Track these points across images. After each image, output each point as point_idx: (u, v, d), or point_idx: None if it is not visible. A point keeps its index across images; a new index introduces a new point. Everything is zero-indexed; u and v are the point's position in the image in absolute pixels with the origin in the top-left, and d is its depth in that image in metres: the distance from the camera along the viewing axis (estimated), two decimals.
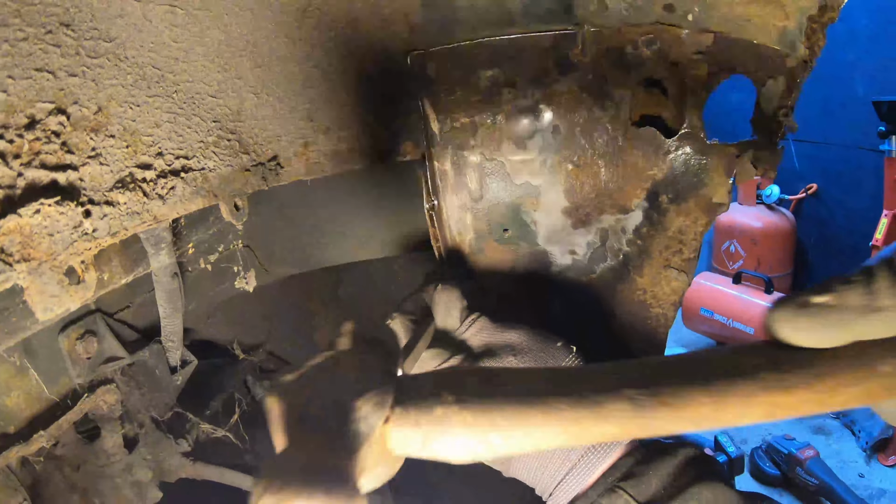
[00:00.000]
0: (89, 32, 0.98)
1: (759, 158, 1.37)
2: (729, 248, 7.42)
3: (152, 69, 1.10)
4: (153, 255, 1.47)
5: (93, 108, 0.98)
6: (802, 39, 1.25)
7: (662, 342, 1.68)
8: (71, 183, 0.95)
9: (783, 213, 7.23)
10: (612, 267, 1.54)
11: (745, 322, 6.27)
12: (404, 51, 1.32)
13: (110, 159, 1.01)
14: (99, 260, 1.31)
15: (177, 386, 1.90)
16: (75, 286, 0.99)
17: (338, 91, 1.34)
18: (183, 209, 1.19)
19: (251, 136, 1.31)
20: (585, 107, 1.35)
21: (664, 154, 1.38)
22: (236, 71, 1.24)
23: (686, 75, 1.32)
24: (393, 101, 1.38)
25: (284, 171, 1.38)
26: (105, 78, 1.01)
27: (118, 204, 1.03)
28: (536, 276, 1.57)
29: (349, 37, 1.29)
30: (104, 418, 1.73)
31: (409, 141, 1.42)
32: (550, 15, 1.29)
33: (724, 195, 1.41)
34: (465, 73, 1.34)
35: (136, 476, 1.88)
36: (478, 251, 1.52)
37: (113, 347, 1.64)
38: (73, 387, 1.58)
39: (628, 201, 1.43)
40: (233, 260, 1.84)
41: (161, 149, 1.11)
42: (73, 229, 0.95)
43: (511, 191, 1.43)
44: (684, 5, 1.26)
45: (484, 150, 1.39)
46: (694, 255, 1.51)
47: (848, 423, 5.59)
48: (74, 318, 1.55)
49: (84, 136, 0.97)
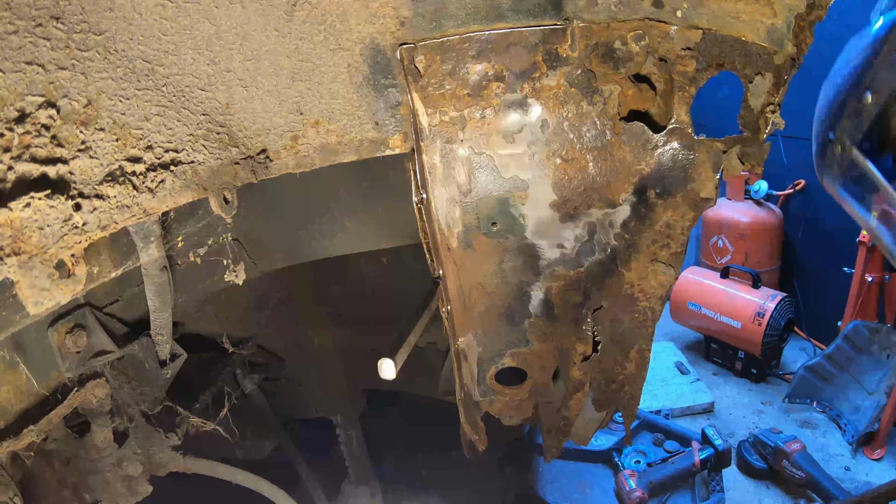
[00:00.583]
0: (79, 25, 0.98)
1: (746, 154, 1.38)
2: (717, 242, 7.46)
3: (142, 62, 1.10)
4: (142, 248, 1.48)
5: (83, 101, 0.98)
6: (790, 37, 1.26)
7: (650, 336, 1.69)
8: (61, 176, 0.95)
9: (771, 208, 7.27)
10: (600, 260, 1.55)
11: (732, 316, 6.31)
12: (393, 44, 1.32)
13: (100, 153, 1.01)
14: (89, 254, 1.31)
15: (166, 380, 1.90)
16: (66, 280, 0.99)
17: (327, 84, 1.34)
18: (172, 202, 1.19)
19: (240, 129, 1.31)
20: (574, 101, 1.36)
21: (652, 149, 1.39)
22: (226, 64, 1.24)
23: (674, 71, 1.33)
24: (382, 94, 1.38)
25: (274, 165, 1.38)
26: (95, 71, 1.01)
27: (108, 197, 1.03)
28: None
29: (339, 30, 1.29)
30: (94, 413, 1.73)
31: (398, 134, 1.42)
32: (539, 10, 1.29)
33: (711, 190, 1.42)
34: (455, 67, 1.34)
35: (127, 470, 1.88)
36: (466, 245, 1.53)
37: (102, 341, 1.64)
38: (63, 381, 1.58)
39: (616, 195, 1.44)
40: (222, 253, 1.84)
41: (151, 142, 1.11)
42: (64, 223, 0.96)
43: (499, 184, 1.43)
44: (673, 2, 1.26)
45: (473, 144, 1.40)
46: (681, 249, 1.52)
47: (834, 416, 5.64)
48: (64, 313, 1.55)
49: (74, 129, 0.97)
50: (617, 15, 1.29)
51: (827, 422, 5.71)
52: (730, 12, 1.25)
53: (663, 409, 5.72)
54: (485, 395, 1.85)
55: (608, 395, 1.83)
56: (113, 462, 1.82)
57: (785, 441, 4.86)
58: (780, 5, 1.23)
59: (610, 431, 5.06)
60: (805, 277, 7.44)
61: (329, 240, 1.99)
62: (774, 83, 1.31)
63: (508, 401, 1.87)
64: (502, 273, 1.60)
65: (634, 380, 1.79)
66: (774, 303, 6.10)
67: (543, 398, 1.86)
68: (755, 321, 6.12)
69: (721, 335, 6.57)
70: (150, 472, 1.96)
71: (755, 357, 6.33)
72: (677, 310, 6.90)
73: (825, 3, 1.21)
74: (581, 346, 1.69)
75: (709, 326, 6.65)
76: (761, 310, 6.11)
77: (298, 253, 2.05)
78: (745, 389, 6.39)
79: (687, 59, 1.31)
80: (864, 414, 5.37)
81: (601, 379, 1.79)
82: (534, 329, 1.70)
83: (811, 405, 5.77)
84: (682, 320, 6.99)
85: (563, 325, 1.67)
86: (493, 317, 1.69)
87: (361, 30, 1.30)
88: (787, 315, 6.20)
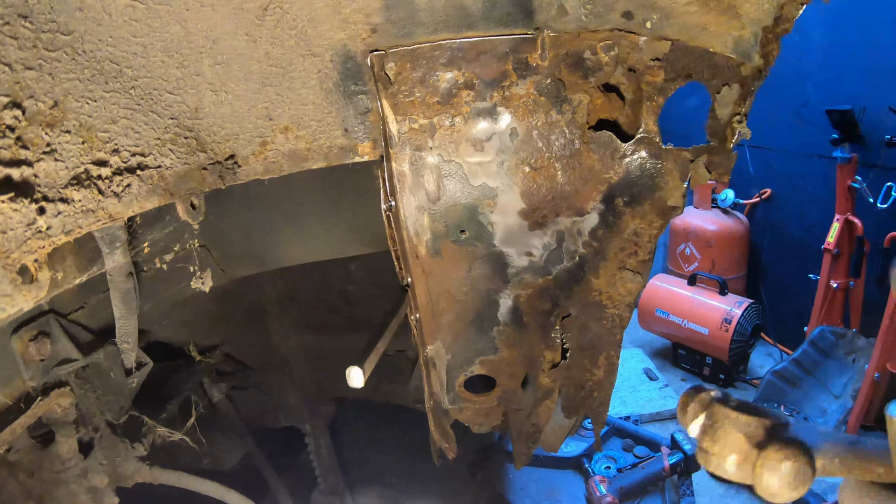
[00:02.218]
0: (47, 25, 0.97)
1: (713, 163, 1.40)
2: (684, 250, 7.54)
3: (110, 64, 1.09)
4: (108, 254, 1.46)
5: (49, 102, 0.97)
6: (757, 49, 1.28)
7: (618, 342, 1.70)
8: (25, 179, 0.94)
9: (737, 216, 7.38)
10: (568, 268, 1.56)
11: (700, 323, 6.39)
12: (364, 51, 1.32)
13: (66, 155, 1.00)
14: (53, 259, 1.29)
15: (132, 389, 1.87)
16: (28, 285, 0.98)
17: (297, 90, 1.34)
18: (139, 207, 1.17)
19: (209, 134, 1.30)
20: (543, 110, 1.37)
21: (620, 158, 1.40)
22: (195, 68, 1.23)
23: (643, 81, 1.35)
24: (352, 101, 1.38)
25: (242, 170, 1.37)
26: (62, 72, 0.99)
27: (73, 201, 1.02)
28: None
29: (309, 36, 1.29)
30: (58, 422, 1.70)
31: (367, 141, 1.42)
32: (510, 19, 1.30)
33: (678, 199, 1.43)
34: (425, 75, 1.34)
35: (92, 481, 1.85)
36: (434, 252, 1.53)
37: (67, 349, 1.61)
38: (27, 390, 1.55)
39: (584, 204, 1.45)
40: (189, 260, 1.82)
41: (117, 145, 1.10)
42: (27, 227, 0.94)
43: (468, 192, 1.44)
44: (643, 13, 1.28)
45: (442, 152, 1.40)
46: (649, 256, 1.54)
47: (801, 420, 5.71)
48: (27, 319, 1.52)
49: (39, 131, 0.95)
50: (587, 25, 1.30)
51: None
52: (698, 24, 1.27)
53: (633, 415, 5.74)
54: (454, 402, 1.85)
55: (577, 401, 1.83)
56: (78, 473, 1.79)
57: None
58: (748, 18, 1.25)
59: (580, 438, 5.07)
60: (771, 284, 7.56)
61: (297, 247, 1.98)
62: (741, 94, 1.33)
63: (477, 408, 1.87)
64: (471, 281, 1.60)
65: (603, 386, 1.80)
66: (741, 309, 6.18)
67: (512, 405, 1.86)
68: (722, 327, 6.20)
69: (689, 341, 6.64)
70: (116, 483, 1.93)
71: (723, 363, 6.41)
72: (645, 317, 6.97)
73: (792, 16, 1.24)
74: (550, 353, 1.69)
75: (677, 333, 6.72)
76: (728, 316, 6.19)
77: (266, 260, 2.03)
78: None
79: (655, 69, 1.33)
80: (830, 417, 5.46)
81: (570, 386, 1.79)
82: (502, 336, 1.70)
83: (778, 409, 5.84)
84: (651, 327, 7.06)
85: (532, 332, 1.68)
86: (461, 324, 1.69)
87: (332, 36, 1.29)
88: (753, 321, 6.29)
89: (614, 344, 1.70)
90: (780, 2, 1.22)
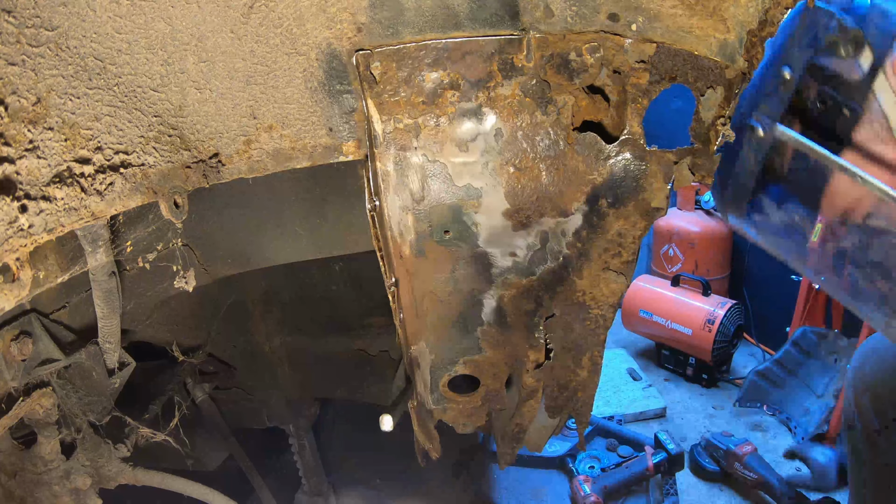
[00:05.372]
0: (31, 20, 0.96)
1: (696, 165, 1.41)
2: (668, 251, 7.58)
3: (94, 60, 1.08)
4: (90, 252, 1.45)
5: (31, 98, 0.96)
6: (742, 52, 1.29)
7: (602, 343, 1.71)
8: (7, 176, 0.93)
9: (721, 218, 7.42)
10: (552, 269, 1.57)
11: (683, 323, 6.42)
12: (350, 50, 1.31)
13: (48, 153, 0.99)
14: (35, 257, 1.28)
15: (115, 389, 1.86)
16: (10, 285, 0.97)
17: (282, 89, 1.33)
18: (122, 206, 1.17)
19: (193, 132, 1.29)
20: (528, 111, 1.37)
21: (605, 159, 1.41)
22: (180, 65, 1.22)
23: (628, 83, 1.35)
24: (337, 100, 1.37)
25: (226, 169, 1.36)
26: (45, 68, 0.99)
27: (55, 199, 1.01)
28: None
29: (295, 34, 1.28)
30: (40, 423, 1.68)
31: (352, 141, 1.42)
32: (497, 19, 1.30)
33: (662, 200, 1.44)
34: (410, 75, 1.34)
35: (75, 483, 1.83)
36: (418, 252, 1.53)
37: (49, 349, 1.60)
38: (8, 390, 1.53)
39: (569, 205, 1.46)
40: (172, 259, 1.81)
41: (100, 143, 1.09)
42: (9, 225, 0.93)
43: (453, 192, 1.44)
44: (628, 15, 1.28)
45: (426, 152, 1.40)
46: (632, 257, 1.55)
47: (784, 419, 5.75)
48: (9, 319, 1.51)
49: (21, 127, 0.95)
50: (573, 27, 1.30)
51: (777, 425, 5.82)
52: (683, 27, 1.28)
53: (616, 415, 5.77)
54: (438, 402, 1.85)
55: (561, 401, 1.84)
56: (61, 474, 1.78)
57: (736, 444, 4.95)
58: (733, 21, 1.26)
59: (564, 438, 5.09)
60: (754, 285, 7.60)
61: (281, 247, 1.98)
62: (725, 97, 1.34)
63: (461, 408, 1.87)
64: (455, 281, 1.60)
65: (587, 386, 1.81)
66: (724, 310, 6.22)
67: (496, 405, 1.87)
68: (705, 328, 6.23)
69: (672, 342, 6.66)
70: (99, 484, 1.91)
71: (706, 363, 6.44)
72: (629, 317, 6.99)
73: (776, 19, 1.25)
74: (533, 353, 1.70)
75: (660, 333, 6.74)
76: (711, 317, 6.22)
77: (250, 259, 2.02)
78: (697, 394, 6.48)
79: (640, 71, 1.33)
80: (813, 416, 5.49)
81: (554, 386, 1.80)
82: (486, 337, 1.70)
83: (761, 409, 5.88)
84: (634, 327, 7.08)
85: (516, 332, 1.68)
86: (445, 324, 1.69)
87: (318, 34, 1.29)
88: (736, 322, 6.33)
89: (598, 344, 1.71)
90: (765, 6, 1.23)
